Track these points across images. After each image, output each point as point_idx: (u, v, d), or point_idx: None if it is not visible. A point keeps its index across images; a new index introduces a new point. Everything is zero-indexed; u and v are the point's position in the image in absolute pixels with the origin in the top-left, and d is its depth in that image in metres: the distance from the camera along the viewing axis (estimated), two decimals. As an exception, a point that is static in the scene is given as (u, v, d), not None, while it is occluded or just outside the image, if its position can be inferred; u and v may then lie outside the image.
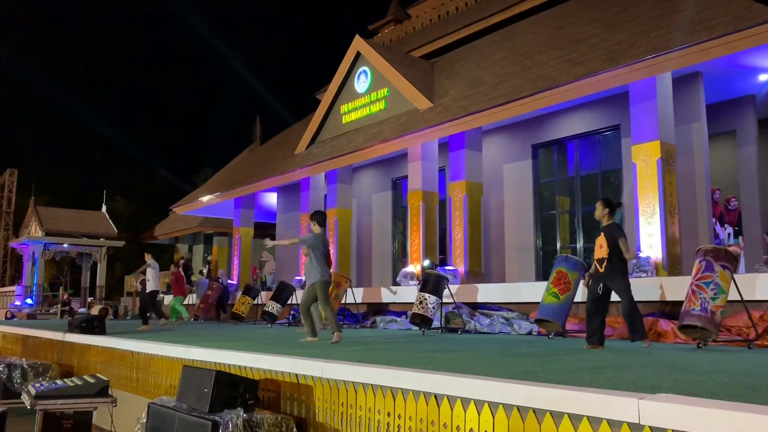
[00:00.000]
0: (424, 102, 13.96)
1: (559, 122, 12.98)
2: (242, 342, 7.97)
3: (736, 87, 11.07)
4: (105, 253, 28.92)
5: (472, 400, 3.69)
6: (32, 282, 28.05)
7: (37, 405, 5.57)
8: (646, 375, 4.03)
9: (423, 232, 13.59)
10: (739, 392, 3.22)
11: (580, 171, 12.85)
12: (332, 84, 16.88)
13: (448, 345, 7.39)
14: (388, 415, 4.26)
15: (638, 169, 10.03)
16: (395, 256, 16.79)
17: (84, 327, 10.17)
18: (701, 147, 10.55)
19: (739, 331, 7.84)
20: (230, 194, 19.68)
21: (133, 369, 8.13)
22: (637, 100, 10.25)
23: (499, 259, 13.90)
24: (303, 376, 5.13)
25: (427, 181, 13.83)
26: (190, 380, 5.26)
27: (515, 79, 12.13)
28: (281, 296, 14.12)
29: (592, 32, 11.90)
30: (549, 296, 8.78)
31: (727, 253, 7.43)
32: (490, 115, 11.67)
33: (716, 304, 7.10)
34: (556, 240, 13.23)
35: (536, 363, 4.96)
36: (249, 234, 20.54)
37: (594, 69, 10.11)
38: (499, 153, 14.10)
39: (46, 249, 27.87)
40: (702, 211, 10.41)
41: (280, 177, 17.33)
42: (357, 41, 16.13)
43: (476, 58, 15.32)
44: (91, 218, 29.82)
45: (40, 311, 25.15)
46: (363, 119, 15.86)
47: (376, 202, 17.34)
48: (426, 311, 10.15)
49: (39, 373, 9.67)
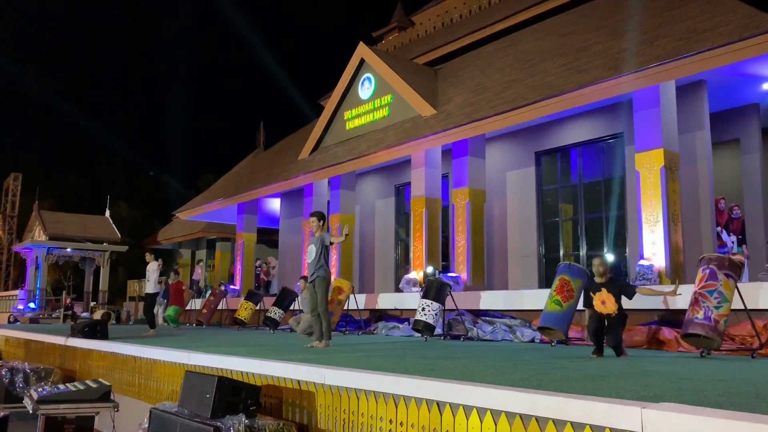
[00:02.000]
0: (428, 109, 13.98)
1: (563, 129, 12.98)
2: (244, 348, 7.97)
3: (740, 95, 11.07)
4: (108, 257, 28.93)
5: (475, 408, 3.68)
6: (35, 286, 28.06)
7: (39, 410, 5.57)
8: (650, 384, 4.01)
9: (426, 239, 13.59)
10: (744, 402, 3.21)
11: (584, 178, 12.84)
12: (336, 90, 16.92)
13: (450, 352, 7.38)
14: (390, 422, 4.25)
15: (641, 177, 10.02)
16: (398, 263, 16.78)
17: (86, 332, 10.18)
18: (705, 155, 10.54)
19: (743, 340, 7.81)
20: (233, 200, 19.71)
21: (135, 374, 8.13)
22: (640, 108, 10.25)
23: (501, 266, 13.88)
24: (305, 383, 5.12)
25: (430, 187, 13.84)
26: (192, 386, 5.25)
27: (519, 87, 12.14)
28: (284, 302, 14.13)
29: (596, 40, 11.92)
30: (552, 304, 8.75)
31: (731, 262, 7.41)
32: (494, 122, 11.68)
33: (720, 313, 7.07)
34: (559, 247, 13.22)
35: (539, 371, 4.94)
36: (252, 239, 20.55)
37: (598, 77, 10.12)
38: (502, 160, 14.11)
39: (49, 253, 27.89)
40: (705, 220, 10.39)
41: (283, 183, 17.35)
42: (361, 48, 16.18)
43: (480, 65, 15.35)
44: (94, 223, 29.84)
45: (42, 315, 25.16)
46: (366, 126, 15.89)
47: (379, 209, 17.35)
48: (428, 318, 10.13)
49: (41, 378, 9.64)
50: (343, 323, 13.08)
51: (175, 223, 28.59)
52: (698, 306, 6.89)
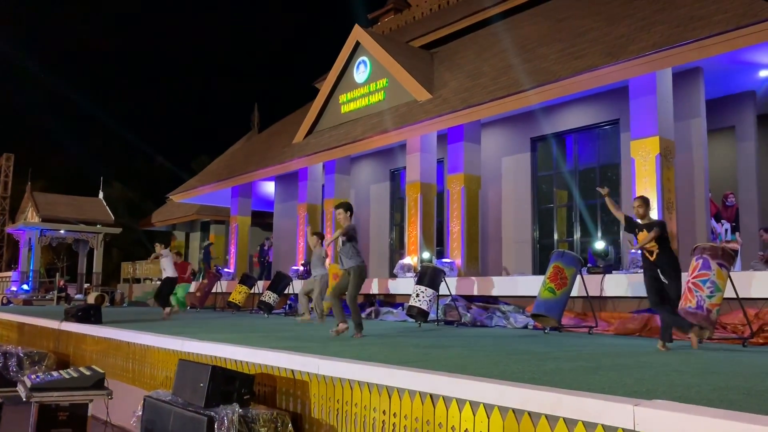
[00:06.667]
0: (424, 93, 13.90)
1: (558, 115, 12.94)
2: (239, 334, 7.98)
3: (736, 83, 11.05)
4: (102, 239, 28.85)
5: (468, 402, 3.69)
6: (29, 268, 28.01)
7: (33, 397, 5.57)
8: (642, 377, 4.03)
9: (420, 224, 13.58)
10: (734, 398, 3.23)
11: (579, 165, 12.83)
12: (331, 73, 16.80)
13: (444, 340, 7.41)
14: (384, 413, 4.27)
15: (637, 165, 10.02)
16: (393, 248, 16.79)
17: (80, 316, 10.16)
18: (700, 143, 10.53)
19: (734, 328, 7.87)
20: (227, 183, 19.64)
21: (129, 360, 8.14)
22: (636, 95, 10.21)
23: (496, 251, 13.90)
24: (299, 372, 5.13)
25: (425, 173, 13.81)
26: (186, 374, 5.26)
27: (515, 72, 12.07)
28: (278, 286, 14.13)
29: (593, 26, 11.85)
30: (545, 291, 8.81)
31: (724, 252, 7.43)
32: (490, 108, 11.63)
33: (712, 302, 7.10)
34: (554, 233, 13.24)
35: (532, 362, 4.96)
36: (246, 223, 20.52)
37: (594, 64, 10.07)
38: (497, 145, 14.07)
39: (42, 235, 27.79)
40: (700, 208, 10.41)
41: (277, 166, 17.29)
42: (356, 31, 16.03)
43: (476, 50, 15.25)
44: (88, 204, 29.71)
45: (36, 297, 25.12)
46: (362, 109, 15.80)
47: (374, 193, 17.31)
48: (422, 304, 10.16)
49: (35, 362, 9.65)
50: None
51: (169, 205, 28.49)
52: (691, 295, 6.91)
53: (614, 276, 9.61)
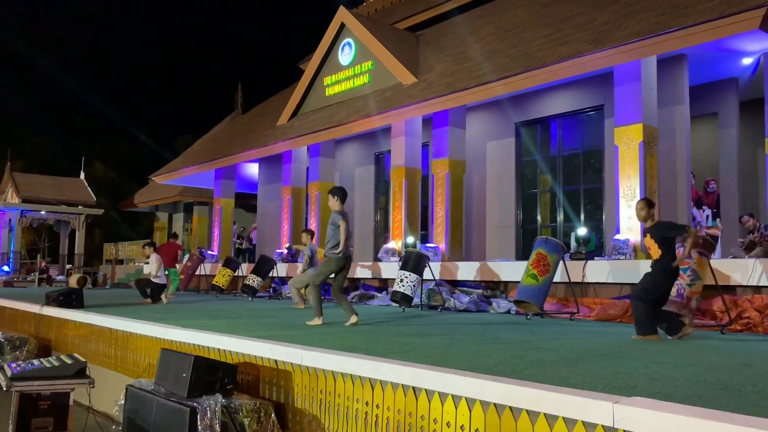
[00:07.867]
0: (409, 77, 13.82)
1: (543, 101, 12.94)
2: (223, 320, 7.96)
3: (719, 70, 11.09)
4: (84, 220, 28.54)
5: (450, 395, 3.72)
6: (9, 249, 27.68)
7: (13, 387, 5.52)
8: (622, 371, 4.08)
9: (405, 209, 13.58)
10: (711, 394, 3.28)
11: (563, 150, 12.87)
12: (315, 55, 16.63)
13: (427, 327, 7.45)
14: (367, 404, 4.30)
15: (620, 152, 10.06)
16: (377, 231, 16.79)
17: (61, 300, 10.06)
18: (683, 130, 10.59)
19: (713, 315, 7.99)
20: (211, 165, 19.46)
21: (112, 346, 8.10)
22: (621, 82, 10.23)
23: (480, 236, 13.96)
24: (282, 362, 5.13)
25: (410, 157, 13.77)
26: (168, 364, 5.23)
27: (501, 57, 12.03)
28: (262, 270, 14.09)
29: (579, 11, 11.81)
30: (528, 278, 8.87)
31: (705, 240, 7.54)
32: (475, 93, 11.59)
33: (692, 290, 7.22)
34: (537, 218, 13.31)
35: (514, 352, 5.00)
36: (230, 205, 20.40)
37: (580, 50, 10.05)
38: (482, 130, 14.06)
39: (23, 216, 27.43)
40: (681, 195, 10.50)
41: (261, 149, 17.15)
42: (341, 12, 15.86)
43: (462, 33, 15.14)
44: (69, 185, 29.32)
45: (17, 279, 24.87)
46: (346, 92, 15.69)
47: (359, 177, 17.26)
48: (406, 289, 10.20)
49: (16, 347, 9.58)
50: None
51: (151, 185, 28.20)
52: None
53: (596, 262, 9.70)
